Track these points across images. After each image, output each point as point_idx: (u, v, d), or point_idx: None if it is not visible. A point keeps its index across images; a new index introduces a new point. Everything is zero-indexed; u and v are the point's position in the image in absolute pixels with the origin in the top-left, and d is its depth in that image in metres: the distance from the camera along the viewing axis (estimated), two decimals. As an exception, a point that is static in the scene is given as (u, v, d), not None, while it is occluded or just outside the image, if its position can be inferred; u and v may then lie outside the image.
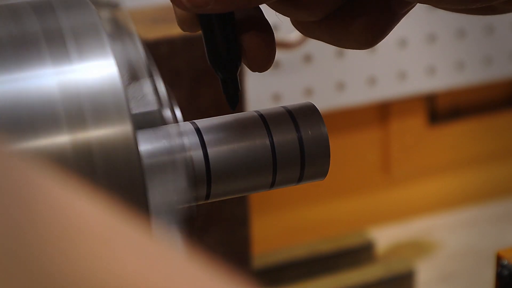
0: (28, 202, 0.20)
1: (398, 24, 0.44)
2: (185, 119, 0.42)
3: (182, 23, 0.42)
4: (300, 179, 0.43)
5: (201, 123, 0.42)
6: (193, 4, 0.39)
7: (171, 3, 0.41)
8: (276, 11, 0.43)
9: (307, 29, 0.44)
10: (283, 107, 0.44)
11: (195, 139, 0.41)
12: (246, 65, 0.42)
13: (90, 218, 0.21)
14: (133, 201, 0.31)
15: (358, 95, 1.35)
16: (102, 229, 0.20)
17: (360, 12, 0.42)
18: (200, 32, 0.43)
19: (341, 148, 1.39)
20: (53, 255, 0.19)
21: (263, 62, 0.42)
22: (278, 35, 0.45)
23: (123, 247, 0.20)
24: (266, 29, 0.42)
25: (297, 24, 0.44)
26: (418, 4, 0.42)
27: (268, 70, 0.43)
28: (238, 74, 0.43)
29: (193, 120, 0.42)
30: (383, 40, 0.44)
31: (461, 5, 0.41)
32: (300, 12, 0.42)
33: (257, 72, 0.43)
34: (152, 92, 0.36)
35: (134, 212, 0.23)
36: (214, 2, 0.38)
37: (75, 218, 0.20)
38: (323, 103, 1.31)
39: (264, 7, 0.42)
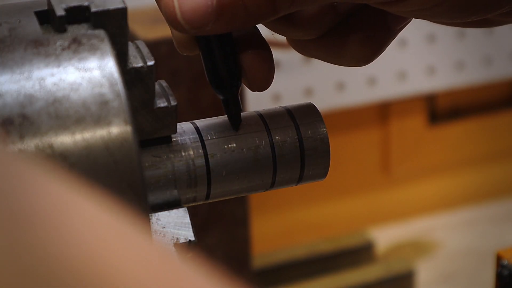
0: (28, 202, 0.20)
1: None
2: (185, 119, 0.42)
3: (180, 46, 0.42)
4: (300, 179, 0.43)
5: (201, 123, 0.42)
6: (192, 26, 0.38)
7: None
8: (272, 30, 0.43)
9: (304, 47, 0.44)
10: (283, 107, 0.44)
11: (195, 139, 0.40)
12: (246, 85, 0.42)
13: (89, 219, 0.21)
14: (132, 201, 0.31)
15: (358, 95, 1.35)
16: (101, 230, 0.20)
17: (357, 29, 0.43)
18: (199, 53, 0.42)
19: (341, 148, 1.39)
20: (52, 254, 0.19)
21: (263, 81, 0.42)
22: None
23: (121, 248, 0.20)
24: (264, 47, 0.42)
25: (293, 43, 0.44)
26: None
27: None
28: (239, 94, 0.42)
29: (193, 120, 0.42)
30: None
31: (456, 19, 0.41)
32: (296, 31, 0.42)
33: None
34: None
35: (133, 212, 0.23)
36: (212, 23, 0.38)
37: (74, 218, 0.20)
38: (323, 103, 1.31)
39: (260, 25, 0.42)
